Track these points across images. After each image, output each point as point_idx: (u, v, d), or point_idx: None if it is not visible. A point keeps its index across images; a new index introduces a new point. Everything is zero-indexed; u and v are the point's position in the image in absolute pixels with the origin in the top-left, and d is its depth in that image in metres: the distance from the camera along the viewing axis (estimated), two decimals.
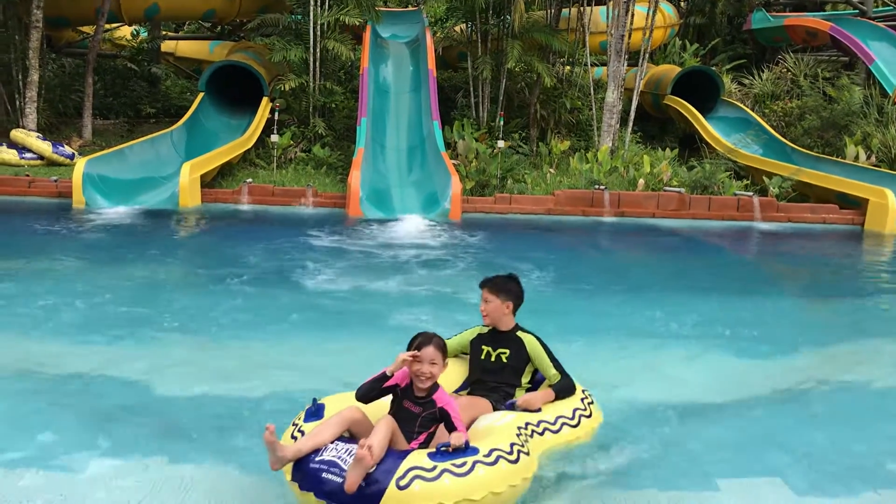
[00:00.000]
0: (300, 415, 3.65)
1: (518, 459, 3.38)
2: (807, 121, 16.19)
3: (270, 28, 16.87)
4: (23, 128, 13.95)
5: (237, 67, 15.14)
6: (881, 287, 8.88)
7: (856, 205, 12.69)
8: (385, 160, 13.41)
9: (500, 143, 13.35)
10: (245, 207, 12.01)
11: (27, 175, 12.14)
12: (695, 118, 16.13)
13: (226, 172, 13.21)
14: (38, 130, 14.16)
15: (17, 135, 13.47)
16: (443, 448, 3.25)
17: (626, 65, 15.04)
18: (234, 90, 15.30)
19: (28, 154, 13.25)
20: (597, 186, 12.57)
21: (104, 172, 11.72)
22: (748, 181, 13.90)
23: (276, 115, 13.85)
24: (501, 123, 14.36)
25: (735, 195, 12.83)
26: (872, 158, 14.15)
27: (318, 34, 14.90)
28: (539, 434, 3.78)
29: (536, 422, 3.82)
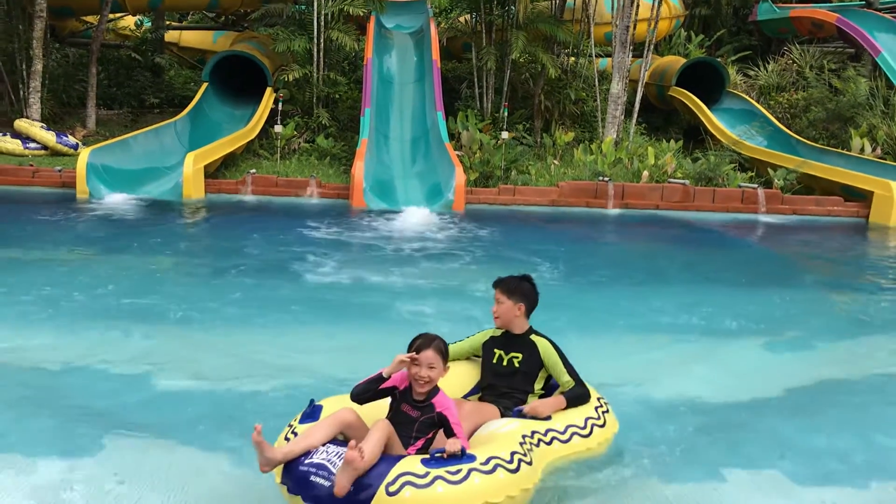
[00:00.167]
0: (297, 416, 3.51)
1: (518, 469, 3.21)
2: (812, 113, 16.13)
3: (274, 18, 16.81)
4: (27, 118, 13.96)
5: (241, 58, 15.11)
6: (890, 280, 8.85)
7: (861, 197, 12.66)
8: (389, 151, 13.39)
9: (504, 135, 13.32)
10: (248, 198, 12.00)
11: (31, 165, 12.15)
12: (700, 110, 16.08)
13: (229, 163, 13.20)
14: (42, 120, 14.16)
15: (21, 124, 13.47)
16: (437, 454, 3.09)
17: (631, 56, 14.98)
18: (238, 80, 15.28)
19: (32, 144, 13.25)
20: (601, 178, 12.54)
21: (108, 162, 11.72)
22: (753, 173, 13.86)
23: (280, 106, 13.83)
24: (505, 114, 14.33)
25: (740, 187, 12.79)
26: (878, 151, 14.10)
27: (322, 24, 14.87)
28: (546, 443, 3.58)
29: (544, 430, 3.62)
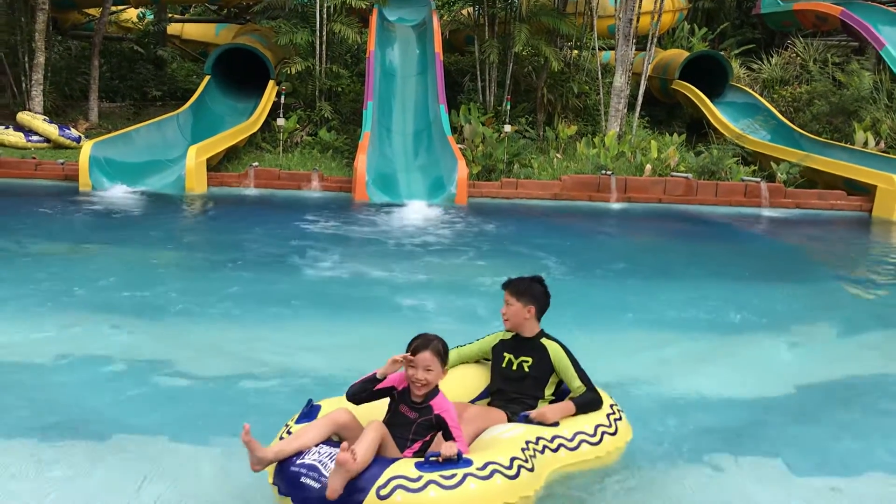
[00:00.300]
0: (294, 416, 3.49)
1: (517, 475, 3.14)
2: (815, 106, 16.08)
3: (276, 11, 16.79)
4: (29, 110, 13.94)
5: (243, 50, 15.07)
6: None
7: (864, 191, 12.62)
8: (391, 144, 13.37)
9: (507, 128, 13.29)
10: (251, 191, 11.99)
11: (33, 158, 12.14)
12: (703, 103, 16.03)
13: (232, 156, 13.19)
14: (45, 113, 14.15)
15: (24, 117, 13.46)
16: (432, 458, 3.01)
17: (634, 49, 14.94)
18: (240, 73, 15.26)
19: (34, 137, 13.24)
20: (604, 171, 12.52)
21: (110, 155, 11.71)
22: (756, 167, 13.82)
23: (283, 99, 13.81)
24: (508, 108, 14.29)
25: (742, 181, 12.76)
26: (881, 144, 14.06)
27: (325, 17, 14.83)
28: (552, 450, 3.48)
29: (550, 437, 3.52)
